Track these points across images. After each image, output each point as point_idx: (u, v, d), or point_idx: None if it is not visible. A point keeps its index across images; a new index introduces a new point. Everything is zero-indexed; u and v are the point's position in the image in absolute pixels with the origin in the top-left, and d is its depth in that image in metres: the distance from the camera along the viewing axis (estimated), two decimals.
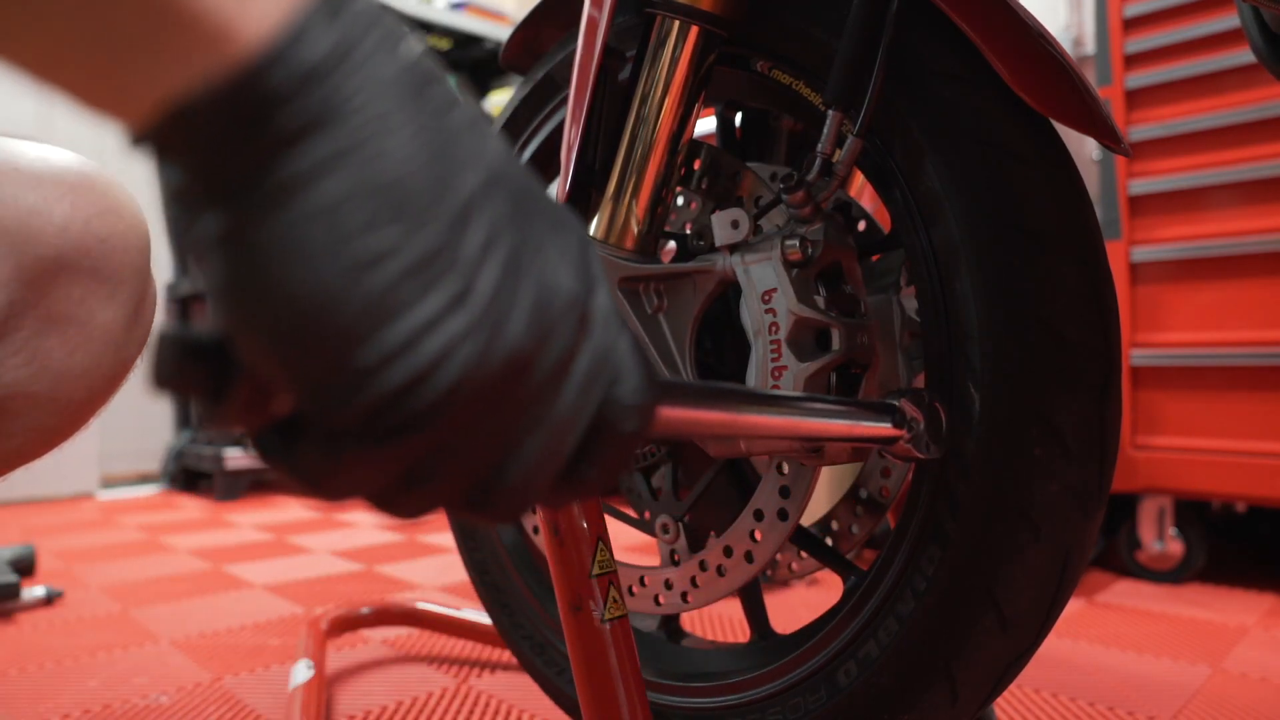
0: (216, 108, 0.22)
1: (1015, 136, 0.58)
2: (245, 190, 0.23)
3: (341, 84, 0.23)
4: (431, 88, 0.26)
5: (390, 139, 0.24)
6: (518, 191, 0.28)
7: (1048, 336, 0.56)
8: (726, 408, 0.42)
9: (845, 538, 0.79)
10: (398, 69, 0.25)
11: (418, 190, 0.24)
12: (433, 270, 0.24)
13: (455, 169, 0.25)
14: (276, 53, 0.22)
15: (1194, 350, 1.42)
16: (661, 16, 0.65)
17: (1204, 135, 1.42)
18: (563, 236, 0.29)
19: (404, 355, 0.24)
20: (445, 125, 0.26)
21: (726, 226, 0.65)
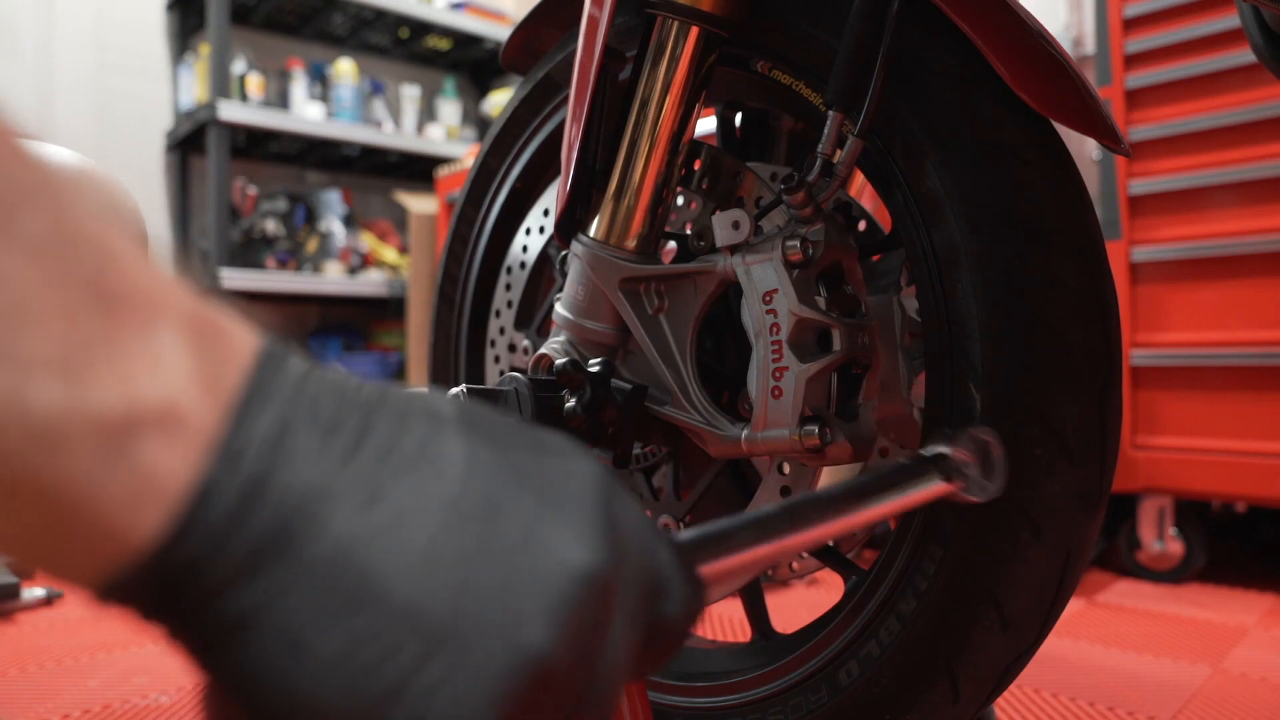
0: (138, 588, 0.23)
1: (1016, 137, 0.58)
2: (205, 648, 0.24)
3: (256, 522, 0.23)
4: (365, 436, 0.25)
5: (322, 541, 0.24)
6: (487, 493, 0.27)
7: (1048, 336, 0.56)
8: (770, 537, 0.41)
9: (846, 537, 0.79)
10: (319, 456, 0.24)
11: (371, 573, 0.24)
12: (412, 641, 0.24)
13: (402, 530, 0.25)
14: (180, 531, 0.23)
15: (1194, 350, 1.42)
16: (662, 17, 0.65)
17: (1204, 135, 1.42)
18: (564, 506, 0.28)
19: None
20: (382, 483, 0.25)
21: (727, 227, 0.65)
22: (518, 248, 0.88)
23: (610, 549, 0.28)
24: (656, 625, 0.30)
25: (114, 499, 0.22)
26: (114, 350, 0.22)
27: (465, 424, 0.28)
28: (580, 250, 0.68)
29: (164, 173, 2.97)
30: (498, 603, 0.25)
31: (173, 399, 0.23)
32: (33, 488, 0.21)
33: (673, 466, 0.78)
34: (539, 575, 0.26)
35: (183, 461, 0.23)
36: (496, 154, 0.90)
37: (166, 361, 0.23)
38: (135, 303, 0.23)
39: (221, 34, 2.66)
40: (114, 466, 0.22)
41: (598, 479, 0.29)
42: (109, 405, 0.22)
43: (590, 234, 0.68)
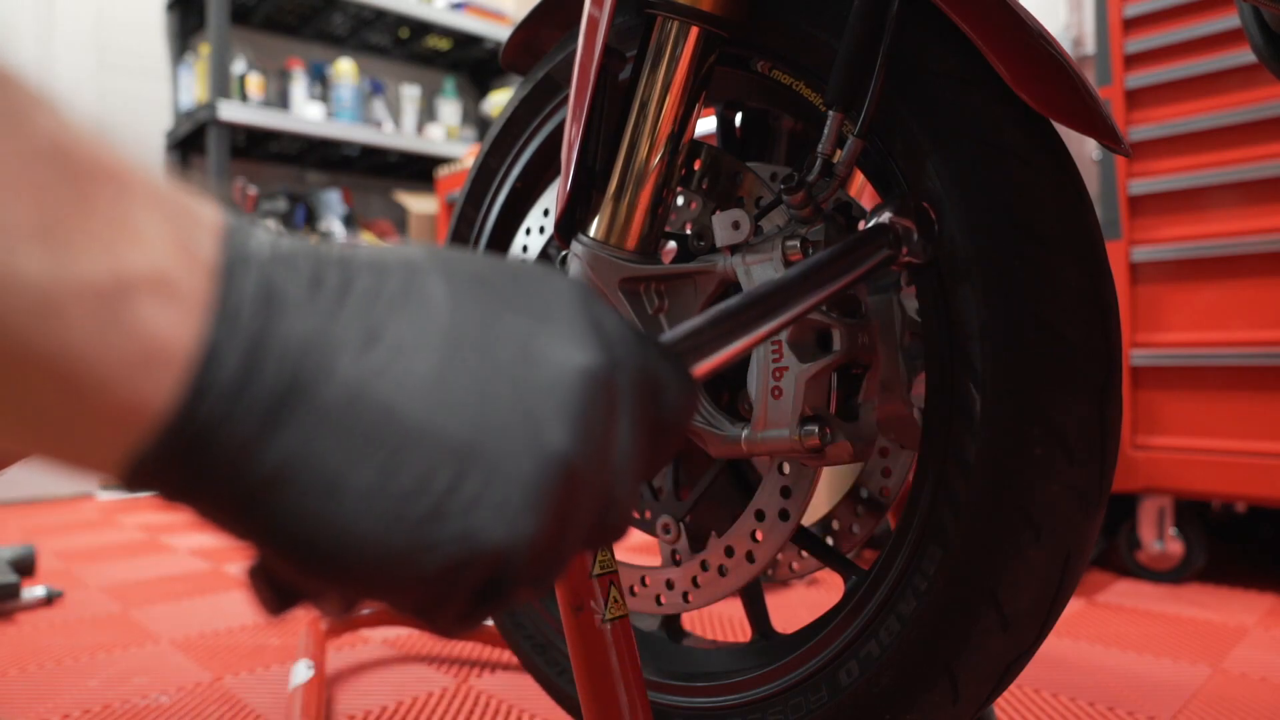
0: (162, 459, 0.23)
1: (1016, 137, 0.58)
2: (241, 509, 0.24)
3: (266, 376, 0.24)
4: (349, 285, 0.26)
5: (335, 384, 0.25)
6: (477, 320, 0.28)
7: (1048, 336, 0.56)
8: (744, 328, 0.44)
9: (846, 537, 0.79)
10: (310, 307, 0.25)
11: (382, 410, 0.25)
12: (443, 462, 0.25)
13: (407, 363, 0.26)
14: (194, 392, 0.23)
15: (1194, 350, 1.42)
16: (662, 17, 0.65)
17: (1204, 135, 1.42)
18: (553, 319, 0.29)
19: (463, 542, 0.25)
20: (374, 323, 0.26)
21: (727, 227, 0.65)
22: (518, 248, 0.88)
23: (604, 349, 0.29)
24: (657, 421, 0.32)
25: (119, 364, 0.22)
26: (91, 221, 0.22)
27: (441, 263, 0.29)
28: (580, 250, 0.68)
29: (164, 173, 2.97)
30: (514, 413, 0.26)
31: (158, 266, 0.23)
32: (38, 363, 0.21)
33: (673, 466, 0.78)
34: (545, 382, 0.27)
35: (181, 324, 0.23)
36: (496, 154, 0.90)
37: (144, 232, 0.23)
38: (102, 177, 0.23)
39: (221, 34, 2.66)
40: (113, 331, 0.22)
41: (577, 291, 0.31)
42: (98, 271, 0.22)
43: (590, 234, 0.68)
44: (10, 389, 0.21)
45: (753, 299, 0.46)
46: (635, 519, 0.80)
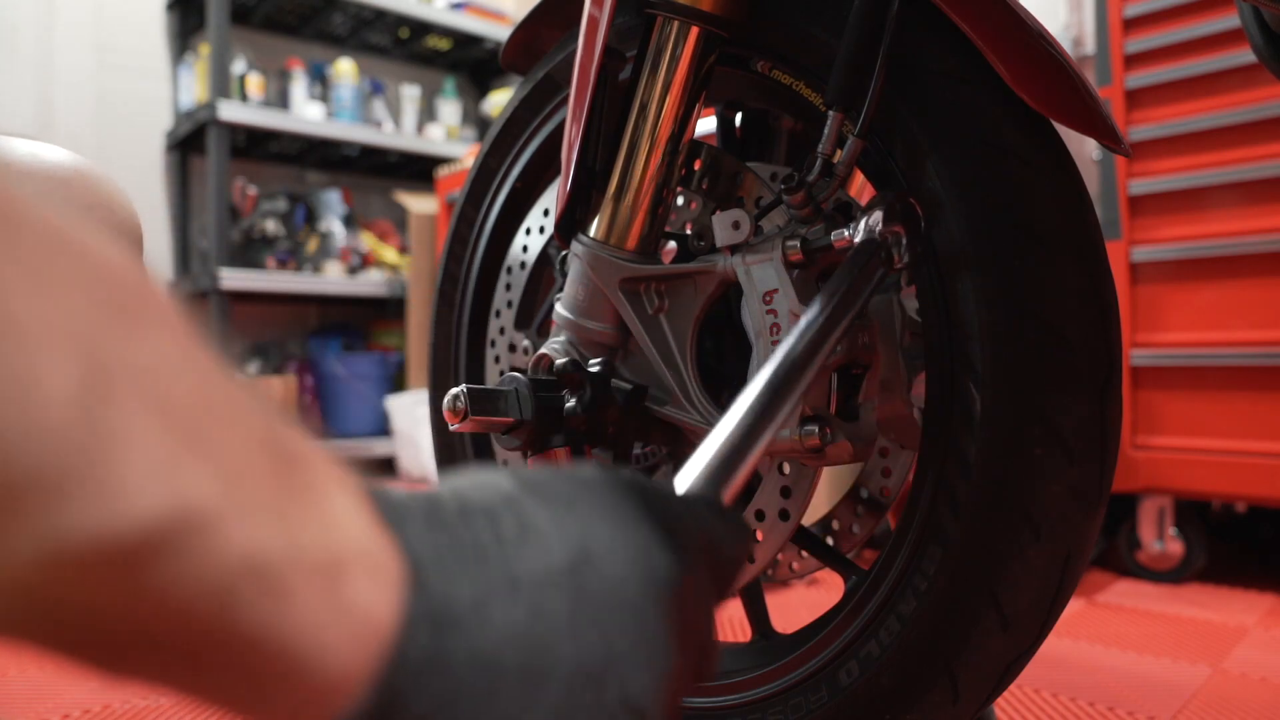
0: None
1: (1016, 137, 0.58)
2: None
3: (451, 646, 0.25)
4: (480, 537, 0.28)
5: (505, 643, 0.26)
6: (582, 545, 0.30)
7: (1048, 336, 0.56)
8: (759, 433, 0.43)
9: (846, 537, 0.79)
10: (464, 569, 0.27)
11: (546, 648, 0.27)
12: (589, 687, 0.28)
13: (546, 603, 0.28)
14: (394, 663, 0.24)
15: (1194, 350, 1.42)
16: (662, 17, 0.65)
17: (1204, 135, 1.42)
18: (627, 525, 0.32)
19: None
20: (510, 569, 0.28)
21: (727, 227, 0.65)
22: (518, 248, 0.88)
23: (678, 546, 0.32)
24: (719, 571, 0.35)
25: (336, 638, 0.23)
26: (305, 504, 0.24)
27: (530, 491, 0.31)
28: (580, 250, 0.68)
29: (164, 173, 2.97)
30: (629, 630, 0.29)
31: (361, 543, 0.25)
32: (266, 638, 0.22)
33: (673, 466, 0.78)
34: (642, 594, 0.30)
35: (387, 597, 0.24)
36: (496, 154, 0.90)
37: (343, 513, 0.25)
38: (303, 462, 0.25)
39: (221, 34, 2.66)
40: (332, 605, 0.23)
41: (634, 491, 0.33)
42: (320, 550, 0.23)
43: (590, 234, 0.68)
44: (236, 662, 0.22)
45: (766, 390, 0.45)
46: None
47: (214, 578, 0.21)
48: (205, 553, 0.21)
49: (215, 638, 0.21)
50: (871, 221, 0.57)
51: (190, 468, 0.21)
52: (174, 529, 0.20)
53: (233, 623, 0.21)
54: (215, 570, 0.21)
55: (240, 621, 0.22)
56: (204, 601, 0.21)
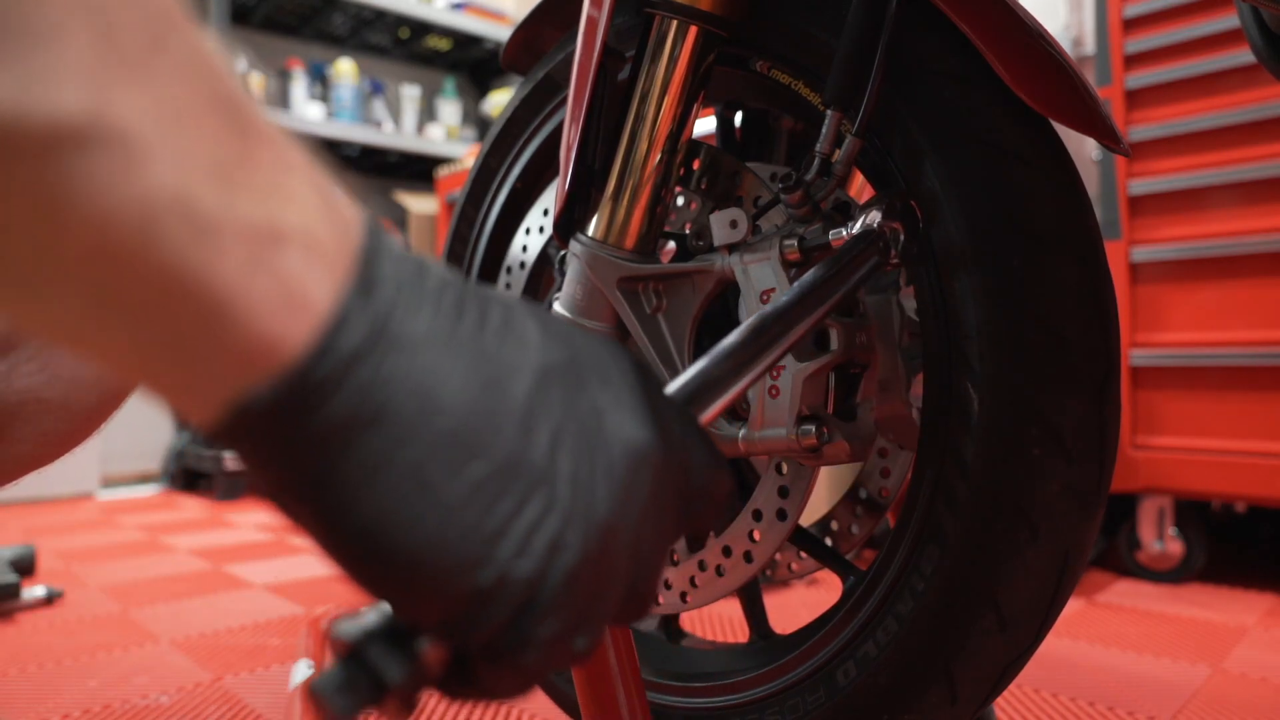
0: (270, 409, 0.24)
1: (1014, 136, 0.58)
2: (322, 483, 0.25)
3: (383, 360, 0.25)
4: (463, 307, 0.28)
5: (443, 391, 0.26)
6: (563, 366, 0.29)
7: (1047, 336, 0.56)
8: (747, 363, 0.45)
9: (845, 538, 0.79)
10: (431, 313, 0.26)
11: (481, 424, 0.26)
12: (517, 484, 0.27)
13: (506, 386, 0.27)
14: (320, 348, 0.24)
15: (1193, 350, 1.42)
16: (660, 16, 0.65)
17: (1203, 135, 1.42)
18: (614, 385, 0.31)
19: (518, 562, 0.26)
20: (484, 345, 0.27)
21: (725, 226, 0.65)
22: (517, 247, 0.88)
23: (658, 429, 0.31)
24: (686, 492, 0.34)
25: (260, 302, 0.23)
26: (255, 173, 0.23)
27: (530, 311, 0.31)
28: (579, 250, 0.68)
29: None
30: (580, 461, 0.28)
31: (310, 226, 0.24)
32: (188, 285, 0.22)
33: None
34: (605, 446, 0.29)
35: (322, 282, 0.24)
36: (497, 154, 0.90)
37: (299, 196, 0.24)
38: (266, 140, 0.24)
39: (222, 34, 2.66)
40: (262, 270, 0.23)
41: (634, 363, 0.33)
42: (257, 215, 0.23)
43: (589, 233, 0.68)
44: (156, 308, 0.22)
45: (751, 332, 0.46)
46: None
47: (137, 204, 0.21)
48: (129, 175, 0.21)
49: (134, 269, 0.22)
50: (870, 217, 0.57)
51: (123, 89, 0.21)
52: (94, 138, 0.20)
53: (154, 254, 0.21)
54: (139, 197, 0.21)
55: (162, 254, 0.22)
56: (124, 224, 0.21)
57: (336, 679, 0.27)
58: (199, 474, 2.87)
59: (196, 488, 2.87)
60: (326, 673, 0.27)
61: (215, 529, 2.18)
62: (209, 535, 2.09)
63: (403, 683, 0.27)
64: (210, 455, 2.67)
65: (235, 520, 2.30)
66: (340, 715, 0.26)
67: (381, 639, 0.27)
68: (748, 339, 0.46)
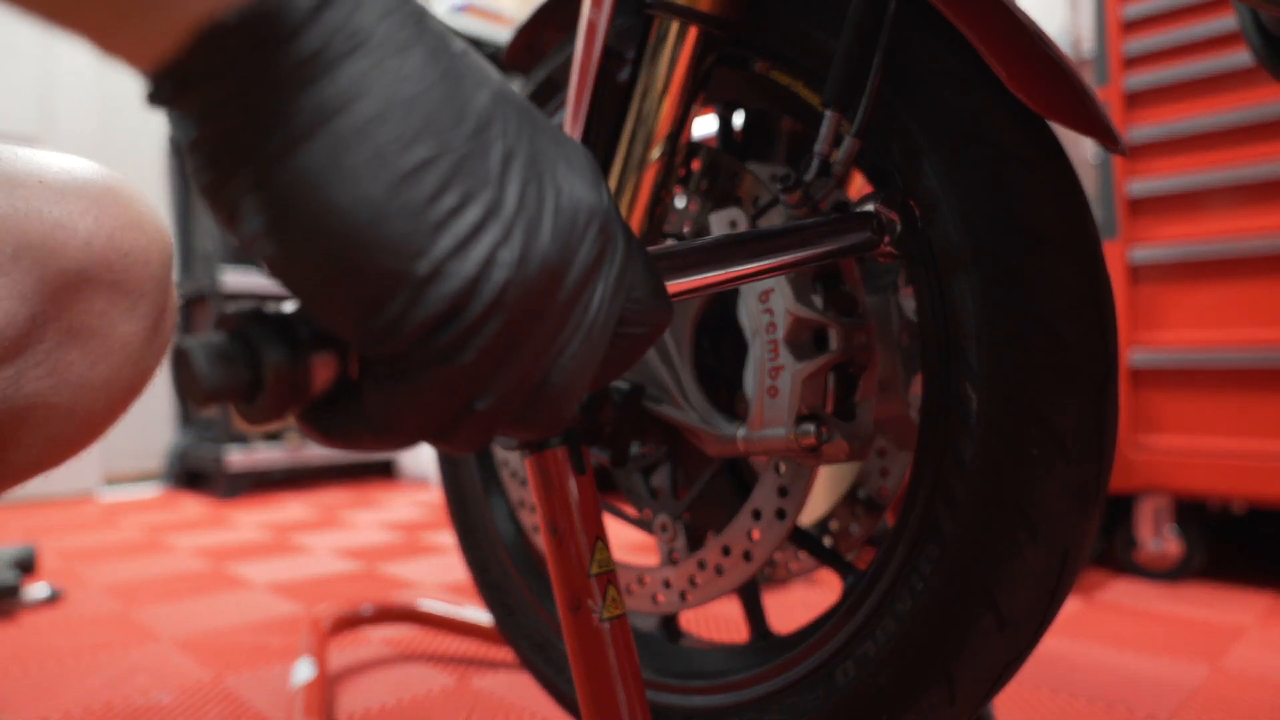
0: (238, 35, 0.22)
1: (1013, 137, 0.58)
2: (278, 124, 0.23)
3: (354, 10, 0.24)
4: (427, 15, 0.27)
5: (407, 60, 0.25)
6: (522, 108, 0.29)
7: (1045, 336, 0.57)
8: (718, 263, 0.45)
9: (844, 537, 0.79)
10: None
11: (439, 106, 0.25)
12: (465, 181, 0.26)
13: (467, 86, 0.26)
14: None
15: (1192, 350, 1.42)
16: (660, 17, 0.65)
17: (1202, 137, 1.43)
18: (570, 151, 0.30)
19: (454, 263, 0.25)
20: (449, 48, 0.27)
21: (725, 227, 0.65)
22: None
23: (612, 210, 0.30)
24: (632, 309, 0.32)
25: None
26: None
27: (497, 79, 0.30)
28: None
29: (166, 174, 2.97)
30: (530, 190, 0.27)
31: None
32: None
33: (670, 466, 0.78)
34: (560, 193, 0.28)
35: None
36: None
37: None
38: None
39: None
40: None
41: (592, 160, 0.32)
42: None
43: None
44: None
45: (734, 239, 0.47)
46: (633, 519, 0.80)
47: None
48: None
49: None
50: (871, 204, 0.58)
51: None
52: None
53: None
54: None
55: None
56: None
57: (209, 345, 0.24)
58: (200, 473, 2.87)
59: (198, 487, 2.88)
60: (208, 337, 0.25)
61: (216, 528, 2.18)
62: (210, 535, 2.09)
63: (279, 370, 0.25)
64: (212, 455, 2.67)
65: (236, 520, 2.30)
66: (203, 383, 0.24)
67: (274, 325, 0.25)
68: (727, 241, 0.46)
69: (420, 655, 1.18)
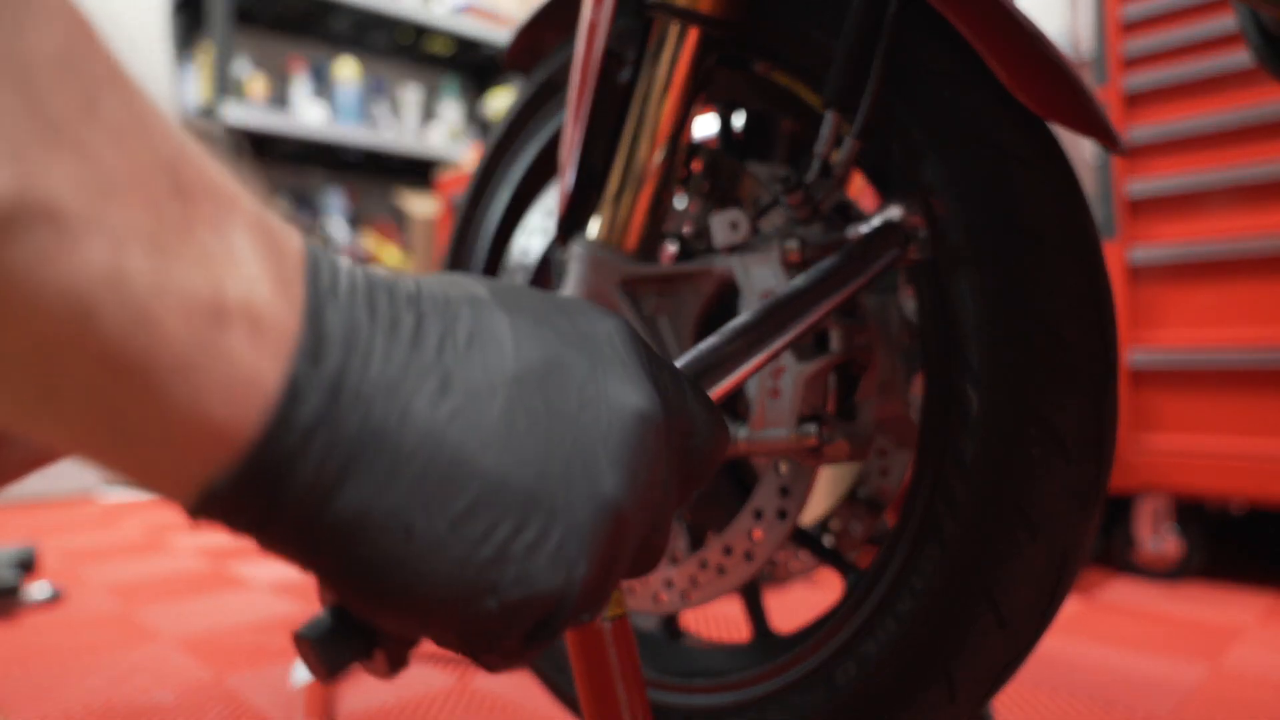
0: (235, 491, 0.23)
1: (1013, 137, 0.58)
2: (307, 544, 0.24)
3: (341, 421, 0.24)
4: (422, 326, 0.27)
5: (408, 435, 0.25)
6: (542, 365, 0.28)
7: (1045, 337, 0.57)
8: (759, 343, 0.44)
9: (845, 537, 0.79)
10: (387, 349, 0.25)
11: (455, 457, 0.25)
12: (504, 511, 0.26)
13: (479, 409, 0.26)
14: (275, 426, 0.23)
15: (1192, 350, 1.42)
16: (661, 19, 0.65)
17: (1202, 137, 1.43)
18: (606, 359, 0.30)
19: (522, 586, 0.26)
20: (449, 368, 0.26)
21: (725, 228, 0.65)
22: (519, 249, 0.89)
23: (652, 393, 0.30)
24: (688, 457, 0.33)
25: (206, 386, 0.22)
26: (194, 238, 0.22)
27: (503, 299, 0.29)
28: (580, 251, 0.69)
29: None
30: (573, 461, 0.27)
31: (253, 293, 0.23)
32: (131, 371, 0.21)
33: None
34: (601, 427, 0.28)
35: (269, 356, 0.23)
36: (498, 156, 0.91)
37: (241, 256, 0.23)
38: (208, 195, 0.23)
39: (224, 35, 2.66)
40: (205, 351, 0.22)
41: (626, 332, 0.32)
42: (199, 289, 0.22)
43: (590, 235, 0.68)
44: (100, 395, 0.21)
45: (765, 313, 0.45)
46: None
47: (68, 283, 0.20)
48: (59, 253, 0.19)
49: (72, 358, 0.20)
50: (892, 211, 0.57)
51: (52, 162, 0.19)
52: (21, 218, 0.19)
53: (88, 336, 0.20)
54: (70, 276, 0.20)
55: (100, 342, 0.20)
56: (55, 305, 0.20)
57: (324, 625, 0.26)
58: None
59: None
60: (314, 619, 0.26)
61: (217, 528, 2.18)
62: (211, 534, 2.09)
63: (394, 637, 0.27)
64: None
65: None
66: (326, 666, 0.26)
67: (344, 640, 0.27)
68: (761, 319, 0.45)
69: (421, 655, 1.18)
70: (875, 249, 0.54)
